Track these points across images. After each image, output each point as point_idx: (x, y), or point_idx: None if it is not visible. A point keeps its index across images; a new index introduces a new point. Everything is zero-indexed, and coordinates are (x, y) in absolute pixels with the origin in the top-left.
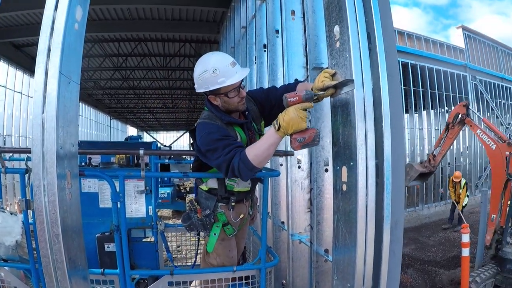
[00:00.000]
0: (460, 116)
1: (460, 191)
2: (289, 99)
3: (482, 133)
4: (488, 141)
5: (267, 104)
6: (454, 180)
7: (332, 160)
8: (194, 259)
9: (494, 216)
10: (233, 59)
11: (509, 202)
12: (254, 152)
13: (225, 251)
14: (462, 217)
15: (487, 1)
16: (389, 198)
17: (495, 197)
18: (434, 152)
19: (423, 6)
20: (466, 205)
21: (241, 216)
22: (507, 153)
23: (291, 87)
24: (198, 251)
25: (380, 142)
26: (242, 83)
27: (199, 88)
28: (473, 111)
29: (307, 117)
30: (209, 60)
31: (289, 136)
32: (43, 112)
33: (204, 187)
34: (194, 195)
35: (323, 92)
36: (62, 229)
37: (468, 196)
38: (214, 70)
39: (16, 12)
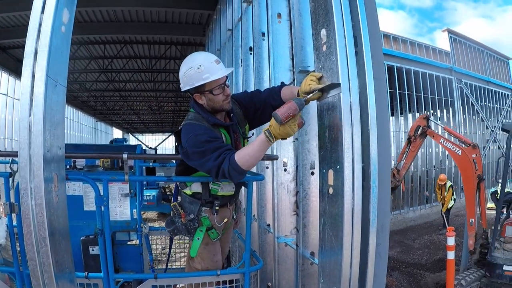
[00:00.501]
0: (421, 128)
1: (446, 193)
2: (282, 118)
3: (445, 141)
4: (453, 147)
5: (251, 108)
6: (439, 183)
7: (319, 163)
8: (166, 263)
9: (473, 220)
10: (217, 57)
11: (493, 205)
12: (245, 158)
13: (210, 256)
14: (445, 219)
15: (472, 4)
16: (375, 201)
17: (470, 201)
18: (398, 167)
19: (408, 9)
20: (451, 207)
21: (225, 220)
22: (474, 155)
23: (275, 91)
24: (177, 255)
25: (367, 146)
26: (227, 82)
27: (185, 86)
28: (433, 122)
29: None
30: (194, 58)
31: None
32: (30, 115)
33: (188, 191)
34: (173, 199)
35: (310, 95)
36: (49, 232)
37: (454, 199)
38: (199, 67)
39: (2, 14)
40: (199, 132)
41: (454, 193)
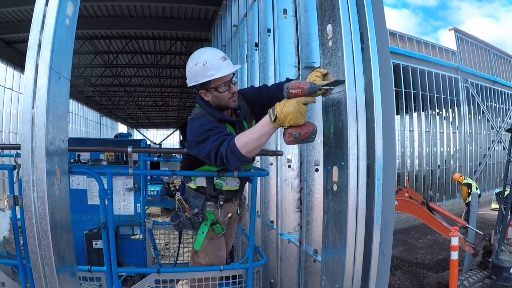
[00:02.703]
0: None
1: (469, 190)
2: (291, 90)
3: None
4: None
5: (258, 103)
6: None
7: (323, 159)
8: (176, 257)
9: (450, 233)
10: (225, 54)
11: (497, 206)
12: (244, 140)
13: (214, 251)
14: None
15: (476, 4)
16: (380, 199)
17: (435, 225)
18: None
19: (412, 7)
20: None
21: (229, 215)
22: (406, 194)
23: (282, 86)
24: (181, 250)
25: (372, 143)
26: (233, 79)
27: (190, 82)
28: None
29: (306, 112)
30: (200, 54)
31: (283, 128)
32: (33, 108)
33: (192, 185)
34: (180, 193)
35: (322, 83)
36: (51, 225)
37: (470, 192)
38: (205, 63)
39: (7, 8)
40: (203, 123)
41: (471, 189)
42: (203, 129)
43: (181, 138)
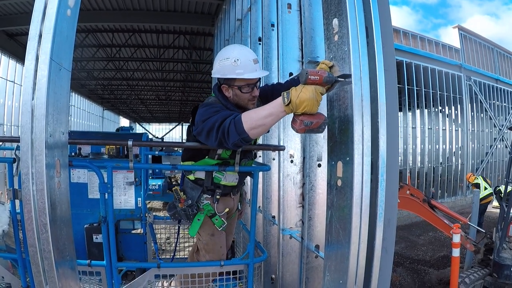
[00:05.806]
0: None
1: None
2: (310, 76)
3: None
4: None
5: (271, 100)
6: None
7: (327, 154)
8: (173, 252)
9: (452, 230)
10: (257, 57)
11: (502, 204)
12: (250, 115)
13: (216, 247)
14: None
15: (477, 2)
16: (383, 195)
17: (437, 222)
18: None
19: (412, 5)
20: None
21: (227, 210)
22: (407, 192)
23: (295, 81)
24: (181, 245)
25: (376, 138)
26: (258, 84)
27: (216, 73)
28: None
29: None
30: (234, 49)
31: (293, 114)
32: (32, 99)
33: (191, 176)
34: (180, 185)
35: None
36: (50, 219)
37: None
38: (236, 60)
39: (10, 0)
40: (214, 105)
41: (480, 189)
42: (211, 110)
43: (189, 124)
